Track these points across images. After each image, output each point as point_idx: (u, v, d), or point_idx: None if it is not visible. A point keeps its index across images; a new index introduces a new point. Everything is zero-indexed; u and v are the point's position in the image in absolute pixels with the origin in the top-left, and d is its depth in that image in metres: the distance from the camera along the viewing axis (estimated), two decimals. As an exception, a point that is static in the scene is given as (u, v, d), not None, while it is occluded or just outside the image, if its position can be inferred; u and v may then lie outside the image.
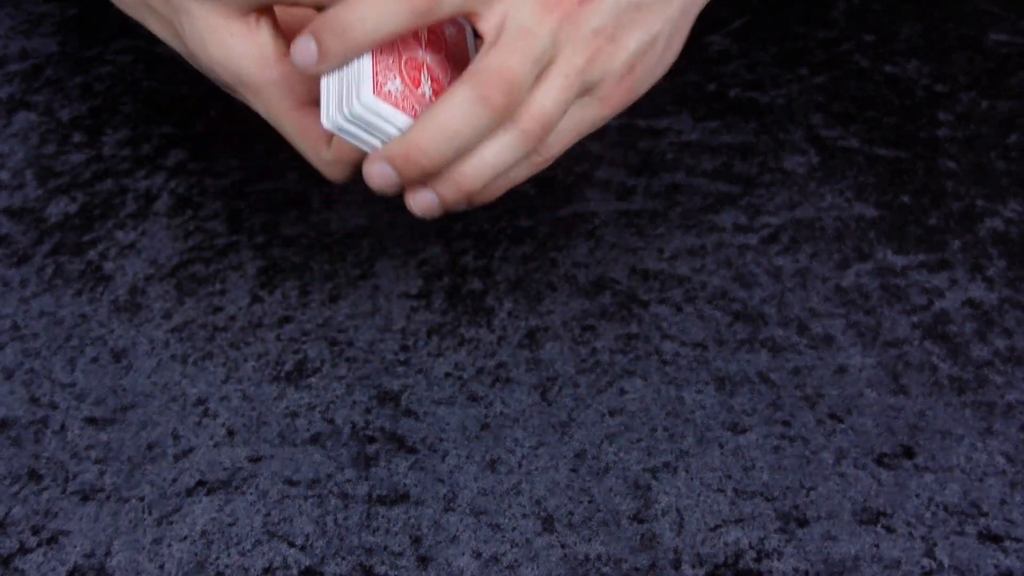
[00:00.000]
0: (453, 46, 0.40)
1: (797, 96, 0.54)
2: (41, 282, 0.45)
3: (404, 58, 0.37)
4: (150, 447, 0.40)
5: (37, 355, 0.43)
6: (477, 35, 0.36)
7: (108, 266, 0.46)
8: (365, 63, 0.36)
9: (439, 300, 0.45)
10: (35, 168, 0.50)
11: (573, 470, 0.40)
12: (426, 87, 0.37)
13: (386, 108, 0.35)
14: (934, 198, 0.49)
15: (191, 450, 0.40)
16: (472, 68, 0.34)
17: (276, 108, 0.38)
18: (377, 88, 0.35)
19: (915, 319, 0.45)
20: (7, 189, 0.49)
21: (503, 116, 0.34)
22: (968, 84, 0.55)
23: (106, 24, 0.57)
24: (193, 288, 0.45)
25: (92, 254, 0.46)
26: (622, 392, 0.42)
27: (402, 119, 0.36)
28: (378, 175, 0.36)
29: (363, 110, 0.35)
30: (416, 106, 0.36)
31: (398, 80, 0.36)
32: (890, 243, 0.47)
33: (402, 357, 0.43)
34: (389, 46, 0.37)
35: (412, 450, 0.40)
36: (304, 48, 0.34)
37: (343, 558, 0.37)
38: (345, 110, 0.35)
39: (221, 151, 0.51)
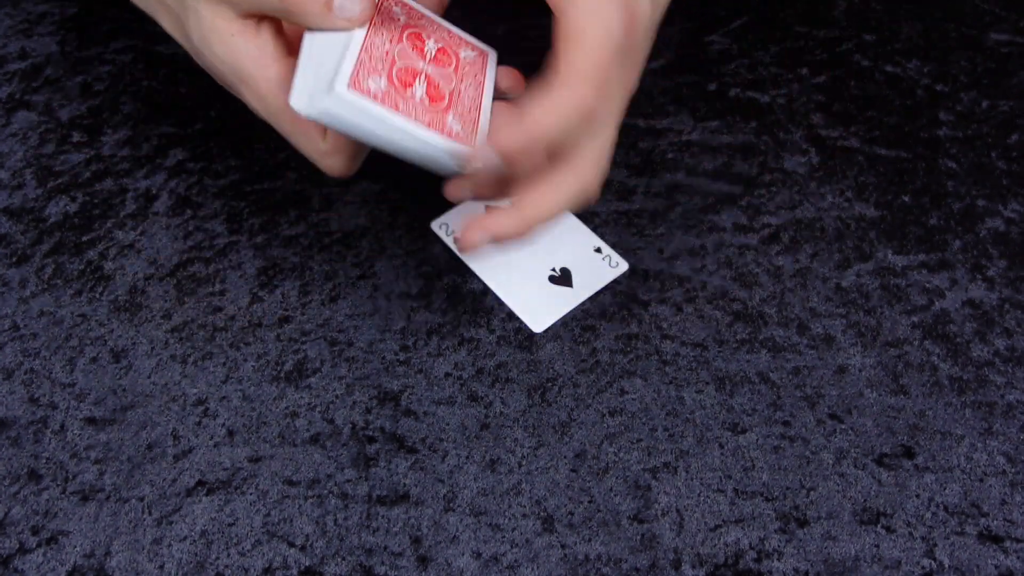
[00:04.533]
0: (469, 64, 0.40)
1: (797, 96, 0.54)
2: (41, 282, 0.45)
3: (398, 65, 0.37)
4: (150, 447, 0.40)
5: (37, 355, 0.43)
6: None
7: (108, 266, 0.46)
8: (350, 58, 0.35)
9: (439, 300, 0.45)
10: (34, 168, 0.50)
11: (573, 470, 0.40)
12: (419, 90, 0.37)
13: (362, 101, 0.35)
14: (934, 198, 0.49)
15: (191, 450, 0.40)
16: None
17: (273, 104, 0.38)
18: (355, 81, 0.35)
19: (915, 319, 0.45)
20: (6, 189, 0.49)
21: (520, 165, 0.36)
22: (968, 84, 0.55)
23: (106, 24, 0.57)
24: (193, 288, 0.45)
25: (92, 254, 0.46)
26: (622, 392, 0.42)
27: (377, 112, 0.35)
28: (485, 159, 0.36)
29: (338, 107, 0.34)
30: (401, 103, 0.36)
31: (383, 79, 0.36)
32: (890, 243, 0.47)
33: (402, 357, 0.43)
34: (384, 52, 0.37)
35: (412, 450, 0.40)
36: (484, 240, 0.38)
37: (343, 558, 0.37)
38: (324, 104, 0.35)
39: (220, 151, 0.50)
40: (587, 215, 0.48)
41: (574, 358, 0.43)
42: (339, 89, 0.34)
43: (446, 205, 0.48)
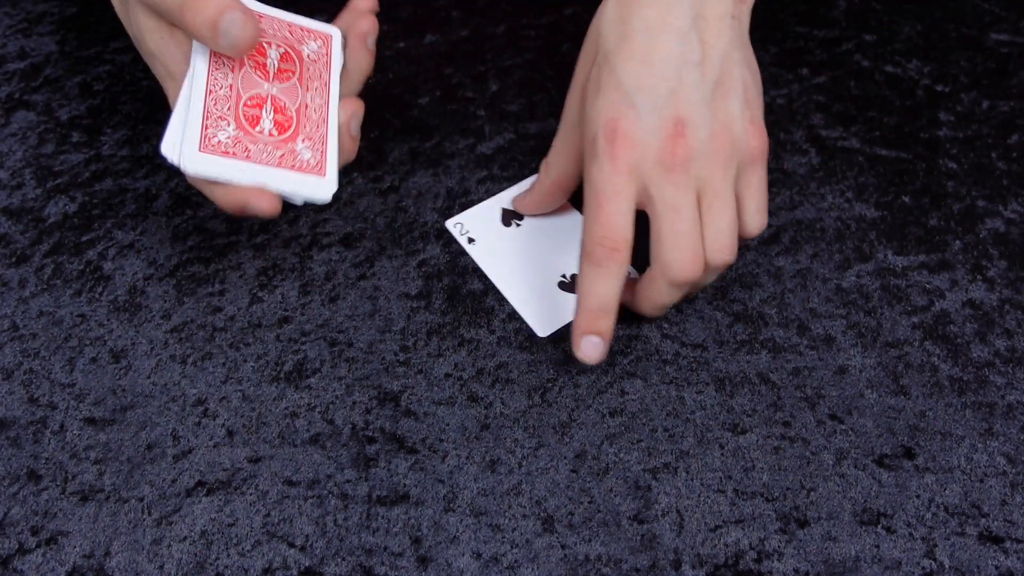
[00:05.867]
0: (313, 61, 0.43)
1: (797, 96, 0.54)
2: (40, 282, 0.45)
3: (244, 99, 0.40)
4: (150, 447, 0.40)
5: (36, 355, 0.43)
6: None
7: (107, 266, 0.46)
8: (196, 112, 0.39)
9: (439, 300, 0.45)
10: (34, 168, 0.50)
11: (573, 471, 0.40)
12: (267, 123, 0.40)
13: (215, 160, 0.39)
14: (934, 198, 0.49)
15: (191, 450, 0.40)
16: (658, 260, 0.40)
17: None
18: (205, 143, 0.39)
19: (916, 320, 0.45)
20: (6, 189, 0.49)
21: (697, 283, 0.41)
22: (969, 84, 0.55)
23: (105, 23, 0.57)
24: (193, 288, 0.45)
25: (91, 254, 0.46)
26: (622, 392, 0.42)
27: (231, 165, 0.39)
28: (591, 348, 0.41)
29: (195, 169, 0.38)
30: (252, 147, 0.40)
31: (231, 125, 0.40)
32: (890, 243, 0.47)
33: (402, 357, 0.43)
34: (228, 88, 0.40)
35: (412, 450, 0.40)
36: (592, 348, 0.40)
37: (343, 558, 0.37)
38: (183, 167, 0.39)
39: (221, 151, 0.50)
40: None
41: (574, 358, 0.43)
42: (191, 155, 0.38)
43: (446, 205, 0.48)
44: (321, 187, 0.40)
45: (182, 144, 0.39)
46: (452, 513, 0.38)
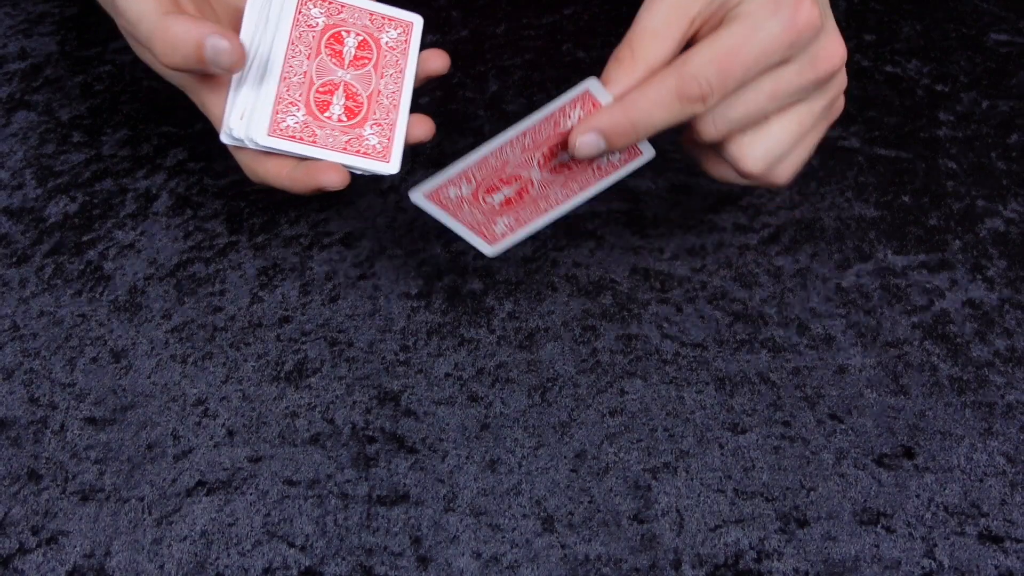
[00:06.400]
0: (391, 49, 0.44)
1: (797, 96, 0.54)
2: (40, 282, 0.45)
3: (316, 85, 0.42)
4: (150, 447, 0.40)
5: (36, 355, 0.43)
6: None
7: (108, 266, 0.46)
8: (268, 97, 0.40)
9: (439, 300, 0.45)
10: (35, 168, 0.50)
11: (573, 470, 0.40)
12: (337, 109, 0.41)
13: (282, 143, 0.40)
14: (934, 198, 0.49)
15: (191, 450, 0.40)
16: (729, 138, 0.37)
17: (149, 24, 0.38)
18: (274, 127, 0.40)
19: (915, 319, 0.45)
20: (6, 189, 0.49)
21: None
22: (968, 84, 0.55)
23: (105, 23, 0.57)
24: (193, 288, 0.45)
25: (92, 254, 0.46)
26: (622, 392, 0.42)
27: (298, 150, 0.40)
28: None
29: (261, 147, 0.40)
30: (319, 132, 0.41)
31: (301, 111, 0.41)
32: (890, 243, 0.47)
33: (402, 357, 0.43)
34: (302, 75, 0.41)
35: (412, 450, 0.40)
36: (593, 144, 0.36)
37: (343, 558, 0.37)
38: (247, 142, 0.40)
39: (221, 151, 0.50)
40: (587, 214, 0.48)
41: (574, 358, 0.43)
42: (259, 138, 0.40)
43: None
44: (384, 171, 0.42)
45: (249, 126, 0.40)
46: (452, 513, 0.38)
